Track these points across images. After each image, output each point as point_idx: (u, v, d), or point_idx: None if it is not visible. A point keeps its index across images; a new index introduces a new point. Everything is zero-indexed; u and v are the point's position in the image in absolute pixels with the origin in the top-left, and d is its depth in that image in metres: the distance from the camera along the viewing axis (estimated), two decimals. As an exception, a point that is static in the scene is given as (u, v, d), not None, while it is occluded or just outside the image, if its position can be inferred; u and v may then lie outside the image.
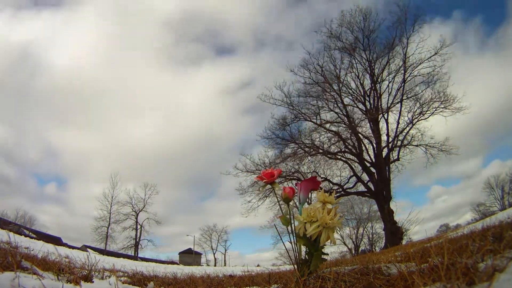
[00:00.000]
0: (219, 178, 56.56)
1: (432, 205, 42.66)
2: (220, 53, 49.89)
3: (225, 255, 48.87)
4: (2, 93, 39.54)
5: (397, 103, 19.26)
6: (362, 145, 19.79)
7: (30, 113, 46.90)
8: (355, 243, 37.82)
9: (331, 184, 19.83)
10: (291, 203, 1.77)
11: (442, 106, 17.87)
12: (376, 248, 34.64)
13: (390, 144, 19.22)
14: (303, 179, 8.57)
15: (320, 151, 19.61)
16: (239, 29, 48.84)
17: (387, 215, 17.41)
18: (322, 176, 20.07)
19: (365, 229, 37.87)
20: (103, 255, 18.17)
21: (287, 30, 42.65)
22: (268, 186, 1.80)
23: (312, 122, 20.35)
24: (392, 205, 17.83)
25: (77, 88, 47.65)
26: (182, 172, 52.97)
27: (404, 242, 16.69)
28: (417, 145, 18.92)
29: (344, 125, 20.25)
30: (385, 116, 19.50)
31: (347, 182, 20.29)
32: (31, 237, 13.83)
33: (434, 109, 18.17)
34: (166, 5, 48.84)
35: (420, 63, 18.85)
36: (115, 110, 50.30)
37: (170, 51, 52.03)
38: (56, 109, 48.36)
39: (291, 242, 1.72)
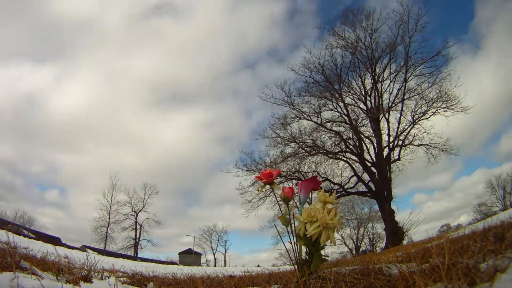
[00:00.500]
0: (202, 189, 69.38)
1: (419, 211, 42.80)
2: (191, 100, 64.31)
3: (225, 255, 48.98)
4: (11, 126, 46.70)
5: (398, 102, 19.22)
6: (363, 144, 19.78)
7: (34, 139, 54.07)
8: (355, 243, 37.79)
9: (331, 184, 19.81)
10: (291, 203, 1.76)
11: (444, 106, 17.85)
12: (377, 248, 34.59)
13: (391, 144, 19.20)
14: (303, 178, 8.54)
15: (321, 151, 19.58)
16: (204, 81, 62.99)
17: (388, 215, 17.38)
18: (322, 176, 20.01)
19: (366, 229, 37.83)
20: (103, 255, 18.17)
21: (241, 85, 55.97)
22: (267, 186, 1.79)
23: (313, 121, 20.35)
24: (393, 205, 17.85)
25: (73, 122, 56.58)
26: (169, 186, 63.33)
27: (405, 242, 16.66)
28: (418, 145, 18.89)
29: (345, 125, 20.25)
30: (386, 115, 19.50)
31: (348, 182, 20.28)
32: (30, 237, 13.83)
33: (435, 109, 18.16)
34: (142, 69, 60.27)
35: (422, 63, 18.86)
36: (108, 140, 58.74)
37: (151, 99, 63.84)
38: (57, 137, 57.16)
39: (291, 242, 1.71)
